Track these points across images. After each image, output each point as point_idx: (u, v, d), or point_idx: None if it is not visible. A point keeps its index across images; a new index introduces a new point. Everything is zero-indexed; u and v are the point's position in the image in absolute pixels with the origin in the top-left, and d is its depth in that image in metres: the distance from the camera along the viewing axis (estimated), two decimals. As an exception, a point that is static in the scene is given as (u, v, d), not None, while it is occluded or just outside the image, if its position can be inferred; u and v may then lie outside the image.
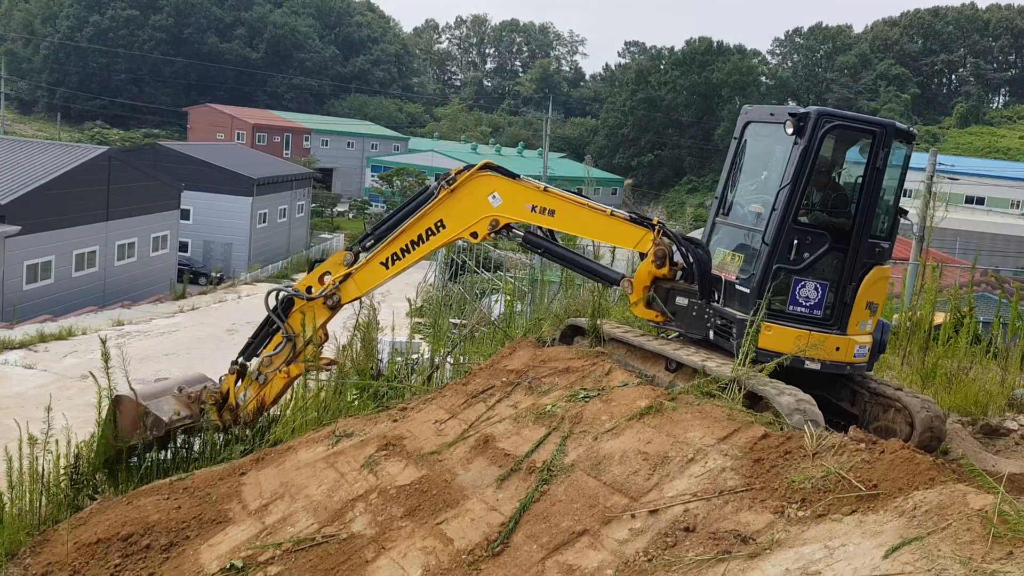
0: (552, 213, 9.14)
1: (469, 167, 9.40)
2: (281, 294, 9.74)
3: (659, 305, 9.00)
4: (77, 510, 8.79)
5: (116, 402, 9.54)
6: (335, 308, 9.73)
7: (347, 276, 9.65)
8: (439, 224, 9.40)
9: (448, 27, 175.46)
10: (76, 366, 26.97)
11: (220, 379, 10.12)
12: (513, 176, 9.27)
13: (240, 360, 9.99)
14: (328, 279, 9.73)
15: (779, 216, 7.97)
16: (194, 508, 7.97)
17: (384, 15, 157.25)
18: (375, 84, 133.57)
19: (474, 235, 9.37)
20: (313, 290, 9.72)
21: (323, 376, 10.23)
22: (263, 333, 9.94)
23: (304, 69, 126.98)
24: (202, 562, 7.17)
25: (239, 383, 9.92)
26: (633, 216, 9.09)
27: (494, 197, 9.23)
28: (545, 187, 9.20)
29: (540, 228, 9.42)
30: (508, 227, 9.35)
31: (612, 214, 9.08)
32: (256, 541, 7.19)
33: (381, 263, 9.60)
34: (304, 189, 66.08)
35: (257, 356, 9.90)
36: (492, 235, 9.30)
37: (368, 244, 9.69)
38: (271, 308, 9.72)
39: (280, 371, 9.72)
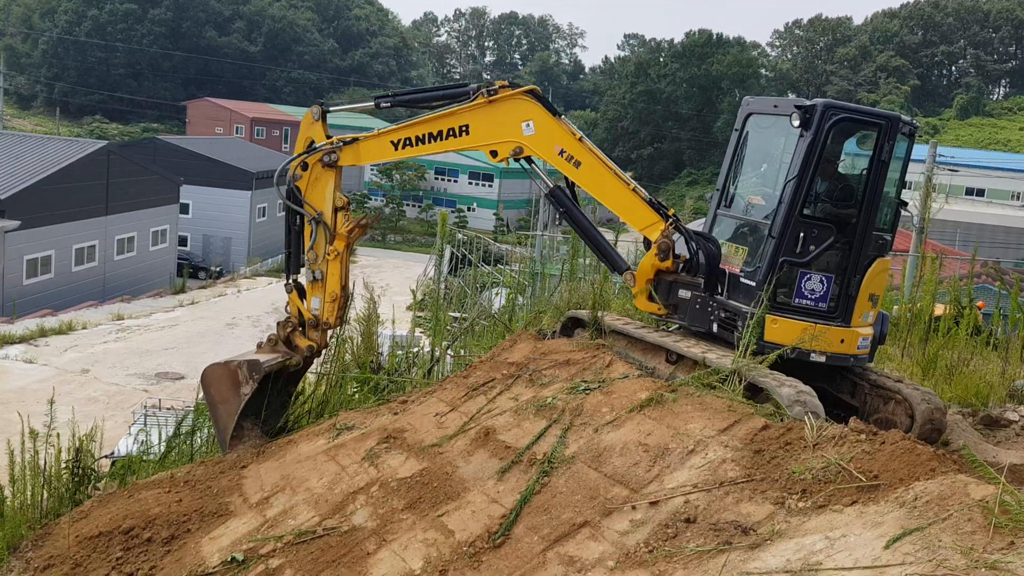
0: (578, 165, 8.92)
1: (514, 84, 9.12)
2: (288, 173, 9.43)
3: (656, 298, 8.99)
4: (78, 503, 8.80)
5: (204, 375, 9.40)
6: (332, 166, 9.39)
7: (353, 140, 9.40)
8: (464, 128, 9.09)
9: (447, 20, 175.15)
10: (76, 360, 27.03)
11: (287, 310, 9.87)
12: (555, 113, 9.00)
13: (292, 278, 9.75)
14: (317, 144, 9.44)
15: (785, 209, 7.96)
16: (195, 501, 7.98)
17: (383, 8, 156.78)
18: (374, 77, 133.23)
19: (493, 153, 9.11)
20: (309, 164, 9.41)
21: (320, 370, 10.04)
22: (292, 241, 9.71)
23: (303, 62, 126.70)
24: (203, 555, 7.18)
25: (303, 300, 9.65)
26: (651, 200, 9.03)
27: (528, 125, 8.94)
28: (581, 136, 8.98)
29: (565, 182, 9.23)
30: (529, 159, 9.14)
31: (634, 190, 8.98)
32: (257, 534, 7.20)
33: (392, 142, 9.36)
34: (304, 183, 65.90)
35: (302, 265, 9.65)
36: (510, 160, 9.07)
37: (384, 105, 9.44)
38: (284, 195, 9.47)
39: (328, 255, 9.43)
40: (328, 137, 9.47)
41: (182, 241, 50.82)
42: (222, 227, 54.49)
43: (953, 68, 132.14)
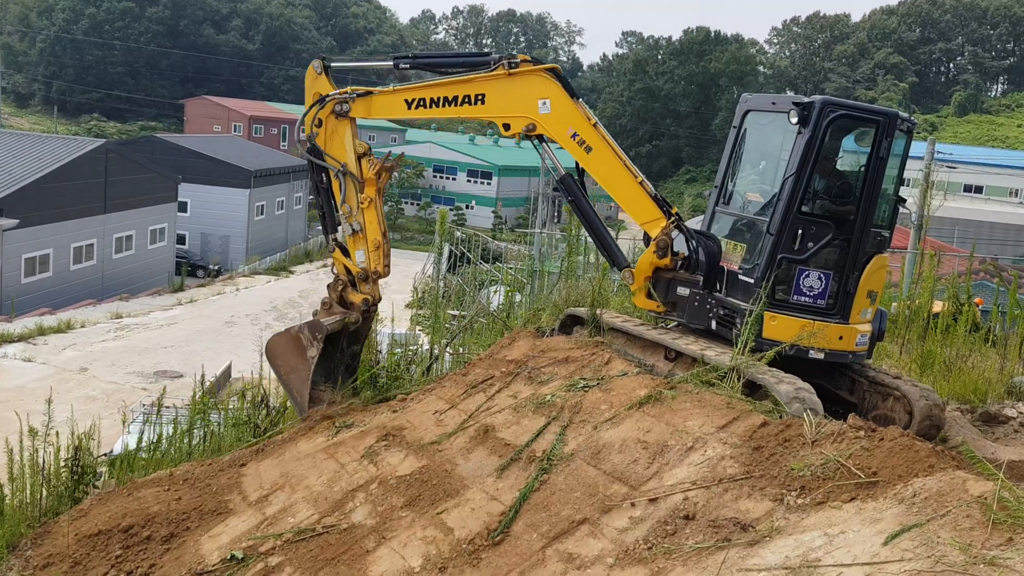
0: (589, 150, 8.89)
1: (536, 60, 9.06)
2: (304, 133, 9.33)
3: (655, 295, 9.00)
4: (77, 502, 8.80)
5: (269, 348, 9.46)
6: (343, 116, 9.31)
7: (367, 93, 9.33)
8: (480, 97, 9.03)
9: (445, 17, 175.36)
10: (75, 359, 27.02)
11: (334, 272, 9.83)
12: (574, 95, 8.96)
13: (332, 238, 9.67)
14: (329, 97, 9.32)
15: (783, 206, 7.95)
16: (194, 499, 7.98)
17: (381, 6, 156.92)
18: (372, 75, 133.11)
19: (506, 127, 9.09)
20: (323, 119, 9.32)
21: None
22: (323, 201, 9.63)
23: (301, 60, 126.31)
24: (203, 553, 7.18)
25: (347, 256, 9.59)
26: (656, 196, 9.02)
27: (544, 103, 8.88)
28: (596, 123, 8.95)
29: (576, 170, 9.19)
30: (541, 138, 9.09)
31: (641, 183, 8.96)
32: (257, 532, 7.20)
33: (406, 100, 9.30)
34: (301, 181, 65.94)
35: (338, 223, 9.57)
36: (521, 136, 9.02)
37: (402, 65, 9.38)
38: (307, 149, 9.39)
39: (362, 204, 9.38)
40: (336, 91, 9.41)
41: (180, 239, 50.78)
42: (220, 225, 54.46)
43: (951, 65, 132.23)
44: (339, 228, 9.57)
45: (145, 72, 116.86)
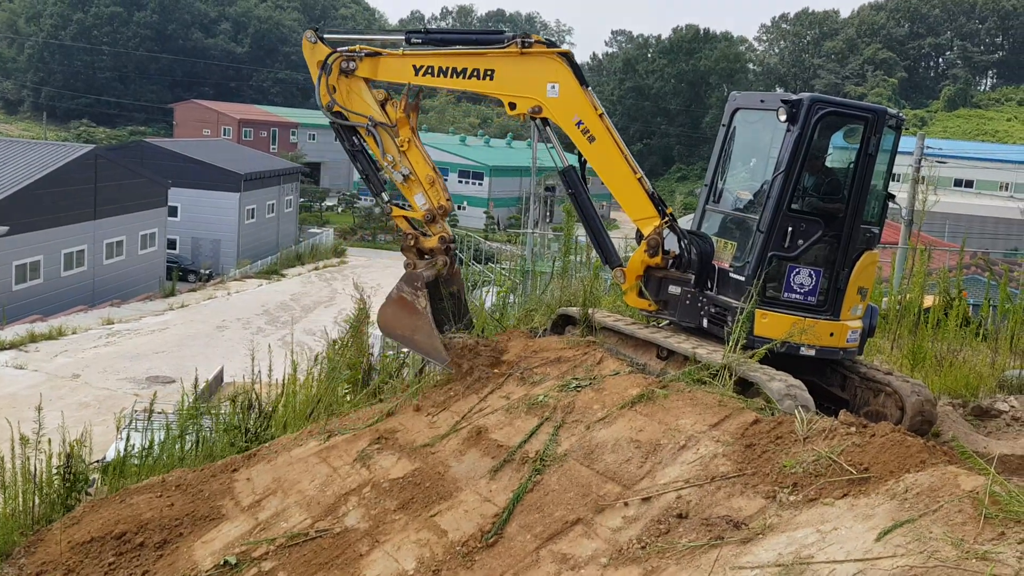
0: (592, 140, 8.85)
1: (550, 43, 8.98)
2: (323, 103, 9.23)
3: (646, 294, 9.01)
4: (70, 509, 8.77)
5: (382, 323, 9.48)
6: (349, 73, 9.20)
7: (376, 54, 9.21)
8: (489, 72, 8.96)
9: (434, 18, 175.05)
10: (67, 366, 26.95)
11: (399, 232, 9.73)
12: (584, 82, 8.89)
13: (383, 200, 9.59)
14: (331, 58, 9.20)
15: (773, 204, 7.96)
16: (187, 505, 7.96)
17: (369, 7, 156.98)
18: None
19: (512, 106, 9.03)
20: (336, 87, 9.23)
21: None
22: (363, 163, 9.52)
23: (290, 63, 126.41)
24: (196, 559, 7.16)
25: (404, 207, 9.50)
26: (654, 194, 9.01)
27: (553, 87, 8.82)
28: (602, 113, 8.90)
29: (579, 161, 9.14)
30: (545, 121, 9.03)
31: (640, 179, 8.95)
32: (250, 537, 7.18)
33: (414, 66, 9.19)
34: (292, 184, 65.86)
35: (385, 180, 9.45)
36: (526, 117, 8.96)
37: (414, 40, 9.30)
38: (331, 118, 9.30)
39: (402, 148, 9.26)
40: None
41: (171, 244, 50.64)
42: (211, 229, 54.31)
43: (940, 60, 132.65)
44: (384, 187, 9.46)
45: (134, 77, 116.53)
